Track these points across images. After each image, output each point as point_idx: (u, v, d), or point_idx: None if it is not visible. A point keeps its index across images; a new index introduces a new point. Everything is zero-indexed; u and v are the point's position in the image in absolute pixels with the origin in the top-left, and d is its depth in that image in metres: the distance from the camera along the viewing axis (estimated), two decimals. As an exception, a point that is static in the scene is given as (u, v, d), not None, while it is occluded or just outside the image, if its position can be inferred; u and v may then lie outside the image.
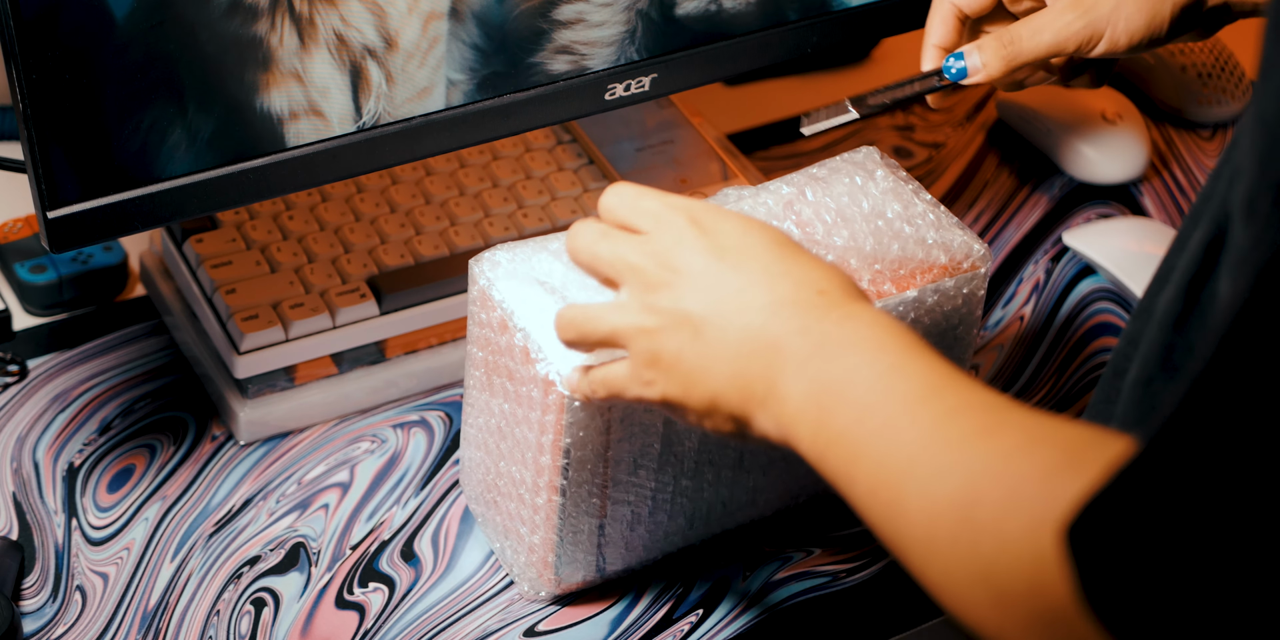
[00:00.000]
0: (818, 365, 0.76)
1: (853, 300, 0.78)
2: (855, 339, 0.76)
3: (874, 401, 0.74)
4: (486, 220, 1.15)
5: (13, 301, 1.17)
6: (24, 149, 0.91)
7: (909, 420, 0.72)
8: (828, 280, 0.79)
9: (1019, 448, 0.69)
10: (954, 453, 0.70)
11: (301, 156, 0.98)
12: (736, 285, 0.79)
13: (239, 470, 1.09)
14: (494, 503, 1.01)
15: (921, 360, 0.75)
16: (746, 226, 0.81)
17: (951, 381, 0.74)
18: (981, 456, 0.70)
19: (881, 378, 0.74)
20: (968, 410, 0.72)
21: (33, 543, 1.04)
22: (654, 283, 0.80)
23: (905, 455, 0.72)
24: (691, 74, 1.08)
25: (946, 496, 0.69)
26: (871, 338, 0.76)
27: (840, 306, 0.78)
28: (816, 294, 0.78)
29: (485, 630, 1.01)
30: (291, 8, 0.92)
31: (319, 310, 1.09)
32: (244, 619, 1.01)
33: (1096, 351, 1.20)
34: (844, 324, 0.77)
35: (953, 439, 0.71)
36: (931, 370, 0.74)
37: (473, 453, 1.02)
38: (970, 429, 0.71)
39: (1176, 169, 1.35)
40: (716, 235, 0.81)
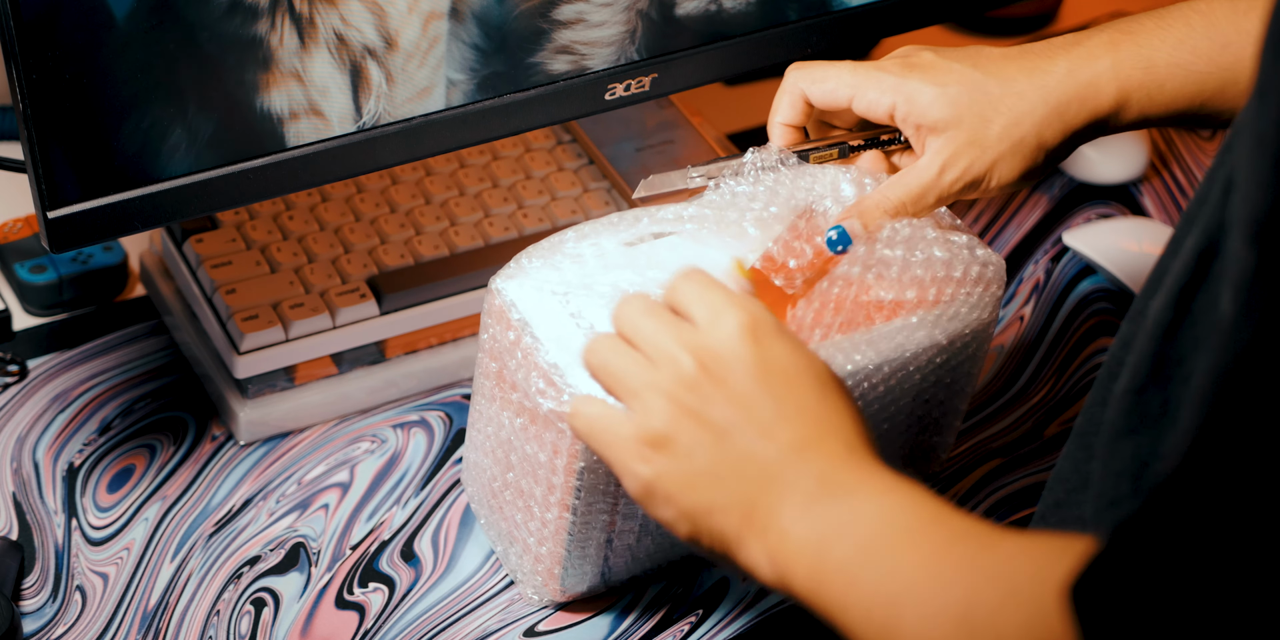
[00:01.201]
0: (823, 507, 0.76)
1: (874, 461, 0.78)
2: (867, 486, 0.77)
3: (877, 532, 0.75)
4: (486, 220, 1.15)
5: (13, 301, 1.17)
6: (24, 149, 0.91)
7: (911, 546, 0.73)
8: (857, 436, 0.79)
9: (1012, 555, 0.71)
10: (956, 571, 0.71)
11: (301, 156, 0.98)
12: (771, 414, 0.78)
13: (239, 470, 1.09)
14: (499, 509, 1.01)
15: (923, 496, 0.76)
16: (797, 354, 0.80)
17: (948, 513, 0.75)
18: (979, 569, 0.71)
19: (884, 512, 0.75)
20: (969, 536, 0.73)
21: (33, 543, 1.04)
22: (690, 379, 0.79)
23: (905, 576, 0.73)
24: (691, 74, 1.08)
25: (944, 606, 0.71)
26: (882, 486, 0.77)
27: (862, 464, 0.78)
28: (845, 448, 0.78)
29: (485, 630, 1.01)
30: (291, 8, 0.92)
31: (319, 310, 1.09)
32: (244, 619, 1.01)
33: (1096, 351, 1.20)
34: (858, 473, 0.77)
35: (953, 559, 0.72)
36: (932, 504, 0.75)
37: (478, 457, 1.01)
38: (969, 549, 0.72)
39: (1176, 169, 1.35)
40: (767, 353, 0.79)
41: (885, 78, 0.95)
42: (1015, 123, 0.94)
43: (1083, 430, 0.88)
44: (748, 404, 0.78)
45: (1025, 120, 0.94)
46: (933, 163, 0.95)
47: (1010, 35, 1.46)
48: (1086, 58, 0.95)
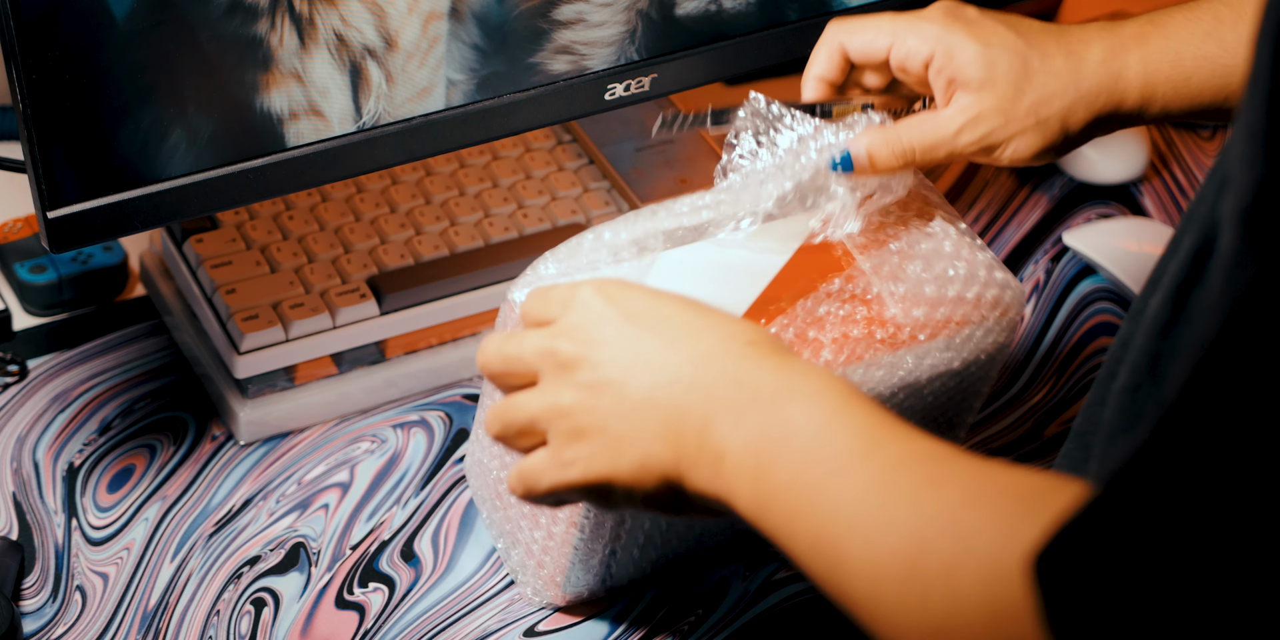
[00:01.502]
0: (754, 417, 0.74)
1: (782, 352, 0.76)
2: (791, 390, 0.74)
3: (814, 454, 0.72)
4: (486, 220, 1.15)
5: (13, 301, 1.17)
6: (24, 149, 0.91)
7: (851, 473, 0.71)
8: (754, 332, 0.77)
9: (967, 498, 0.68)
10: (899, 506, 0.69)
11: (301, 156, 0.98)
12: (657, 343, 0.77)
13: (239, 470, 1.09)
14: (503, 510, 1.01)
15: (860, 410, 0.73)
16: (656, 297, 0.79)
17: (893, 431, 0.72)
18: (928, 508, 0.68)
19: (821, 429, 0.72)
20: (912, 461, 0.70)
21: (33, 543, 1.04)
22: (568, 361, 0.78)
23: (847, 509, 0.70)
24: (691, 74, 1.08)
25: (892, 550, 0.68)
26: (808, 388, 0.74)
27: (772, 356, 0.76)
28: (745, 345, 0.76)
29: (485, 630, 1.01)
30: (291, 8, 0.92)
31: (319, 310, 1.09)
32: (244, 619, 1.01)
33: (1096, 351, 1.20)
34: (778, 374, 0.75)
35: (897, 491, 0.69)
36: (872, 420, 0.73)
37: (484, 457, 1.01)
38: (915, 480, 0.69)
39: (1176, 169, 1.35)
40: (627, 303, 0.78)
41: (928, 26, 0.93)
42: (1045, 101, 0.93)
43: (1081, 430, 0.88)
44: (632, 345, 0.77)
45: (1055, 101, 0.93)
46: (954, 119, 0.93)
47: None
48: (1118, 49, 0.94)
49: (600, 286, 0.79)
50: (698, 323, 0.77)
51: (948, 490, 0.68)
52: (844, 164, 0.93)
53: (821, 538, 0.71)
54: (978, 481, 0.69)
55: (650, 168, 1.19)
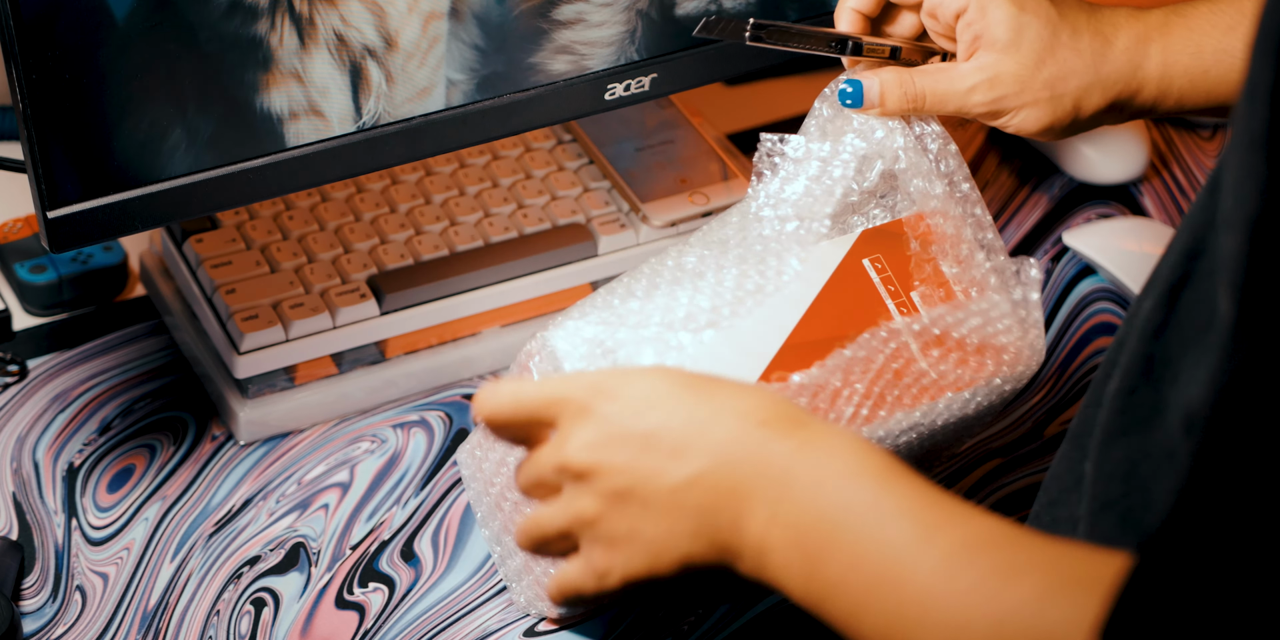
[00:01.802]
0: (789, 509, 0.71)
1: (799, 426, 0.73)
2: (824, 473, 0.71)
3: (867, 548, 0.69)
4: (486, 220, 1.15)
5: (13, 301, 1.17)
6: (24, 149, 0.91)
7: (912, 567, 0.68)
8: (764, 409, 0.73)
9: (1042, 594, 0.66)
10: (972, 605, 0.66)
11: (301, 156, 0.98)
12: (667, 444, 0.73)
13: (239, 470, 1.09)
14: (500, 521, 1.00)
15: (905, 490, 0.70)
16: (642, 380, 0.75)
17: (946, 513, 0.69)
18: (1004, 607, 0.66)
19: (867, 517, 0.70)
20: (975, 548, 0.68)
21: (33, 543, 1.04)
22: (580, 471, 0.75)
23: (915, 607, 0.67)
24: (691, 74, 1.08)
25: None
26: (841, 469, 0.71)
27: (791, 435, 0.73)
28: (759, 426, 0.73)
29: (485, 630, 1.01)
30: (291, 8, 0.92)
31: (319, 310, 1.09)
32: (244, 619, 1.01)
33: (1096, 351, 1.20)
34: (804, 455, 0.72)
35: (967, 585, 0.67)
36: (920, 501, 0.70)
37: (485, 468, 1.01)
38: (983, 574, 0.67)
39: (1176, 169, 1.35)
40: (616, 401, 0.75)
41: None
42: (1064, 76, 0.92)
43: (1077, 431, 0.87)
44: (640, 453, 0.74)
45: (1073, 79, 0.92)
46: (970, 75, 0.92)
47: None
48: (1142, 37, 0.93)
49: (595, 389, 0.75)
50: (702, 410, 0.74)
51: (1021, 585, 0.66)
52: (853, 96, 0.93)
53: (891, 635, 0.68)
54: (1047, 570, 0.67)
55: (650, 168, 1.19)
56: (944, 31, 0.96)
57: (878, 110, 0.94)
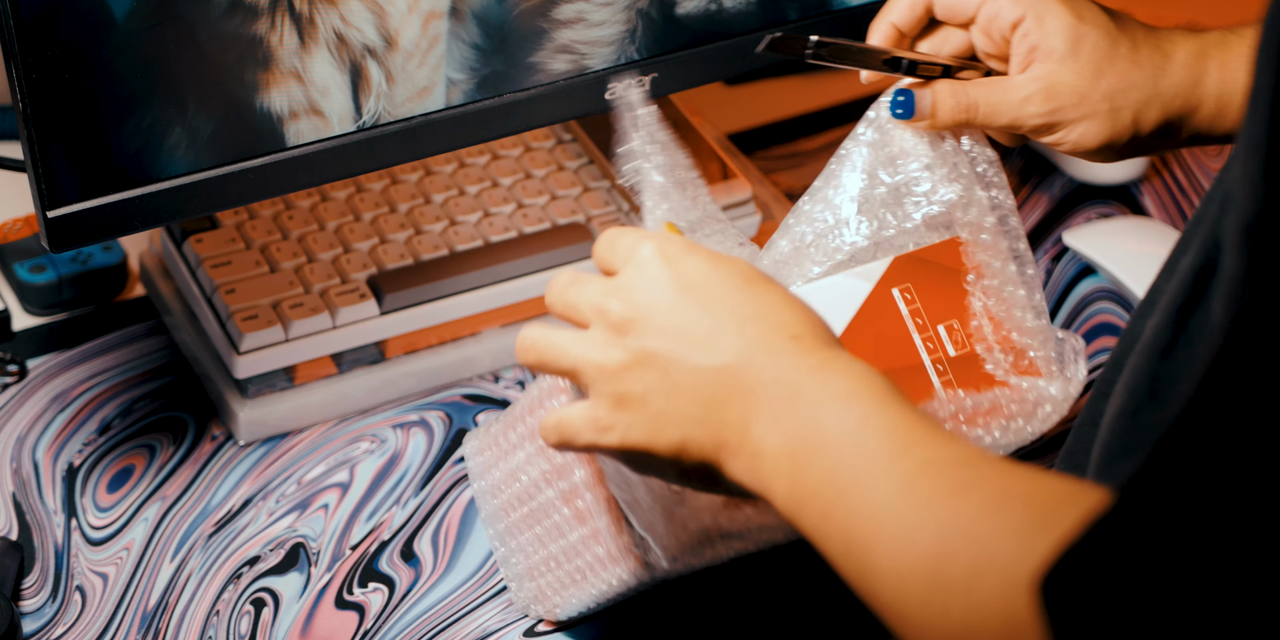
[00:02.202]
0: (791, 419, 0.73)
1: (826, 346, 0.75)
2: (827, 391, 0.73)
3: (845, 457, 0.71)
4: (486, 220, 1.15)
5: (12, 301, 1.17)
6: (24, 148, 0.91)
7: (880, 476, 0.70)
8: (800, 324, 0.76)
9: (991, 506, 0.67)
10: (924, 511, 0.69)
11: (301, 156, 0.98)
12: (706, 326, 0.75)
13: (239, 470, 1.09)
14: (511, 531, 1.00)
15: (893, 412, 0.72)
16: (713, 262, 0.77)
17: (924, 435, 0.71)
18: (952, 516, 0.68)
19: (853, 432, 0.72)
20: (939, 466, 0.70)
21: (32, 543, 1.04)
22: (618, 322, 0.77)
23: (875, 514, 0.70)
24: (691, 74, 1.08)
25: (916, 557, 0.68)
26: (844, 388, 0.73)
27: (814, 353, 0.74)
28: (790, 340, 0.75)
29: (485, 630, 1.01)
30: (291, 7, 0.92)
31: (319, 310, 1.09)
32: (244, 619, 1.01)
33: (1097, 352, 1.20)
34: (818, 374, 0.74)
35: (923, 497, 0.69)
36: (903, 422, 0.72)
37: (498, 478, 1.01)
38: (941, 487, 0.69)
39: (1176, 169, 1.35)
40: (682, 270, 0.77)
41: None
42: (1123, 89, 0.89)
43: (1071, 449, 0.87)
44: (680, 325, 0.75)
45: (1133, 92, 0.89)
46: (1026, 85, 0.90)
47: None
48: (1201, 53, 0.91)
49: (662, 247, 0.77)
50: (747, 308, 0.76)
51: (972, 497, 0.68)
52: (905, 106, 0.91)
53: (852, 541, 0.70)
54: (1002, 487, 0.68)
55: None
56: (996, 50, 0.93)
57: (928, 122, 0.92)
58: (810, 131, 1.35)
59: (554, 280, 0.80)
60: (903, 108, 0.91)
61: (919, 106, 0.91)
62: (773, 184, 1.27)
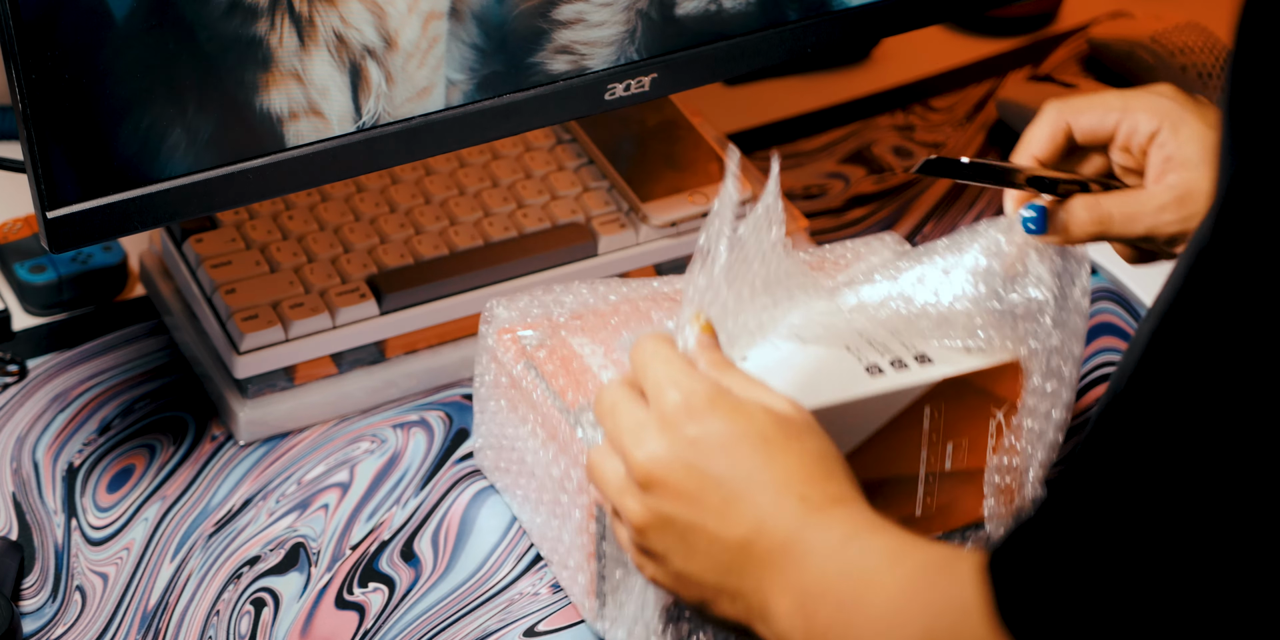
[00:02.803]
0: (799, 577, 0.76)
1: (831, 502, 0.78)
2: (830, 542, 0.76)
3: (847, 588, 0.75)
4: (486, 220, 1.15)
5: (12, 301, 1.17)
6: (23, 149, 0.91)
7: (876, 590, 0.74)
8: (809, 482, 0.78)
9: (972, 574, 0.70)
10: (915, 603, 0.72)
11: (301, 156, 0.98)
12: (721, 495, 0.78)
13: (239, 470, 1.09)
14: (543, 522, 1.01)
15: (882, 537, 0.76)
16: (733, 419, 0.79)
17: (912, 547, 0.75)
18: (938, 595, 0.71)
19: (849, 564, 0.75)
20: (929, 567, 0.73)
21: (32, 543, 1.04)
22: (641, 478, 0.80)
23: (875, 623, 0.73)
24: (691, 74, 1.08)
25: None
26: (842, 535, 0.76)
27: (819, 511, 0.77)
28: (799, 501, 0.77)
29: (485, 630, 1.01)
30: (291, 8, 0.92)
31: (319, 310, 1.09)
32: (244, 619, 1.01)
33: (1097, 351, 1.20)
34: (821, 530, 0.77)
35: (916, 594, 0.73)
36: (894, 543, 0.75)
37: (523, 474, 1.02)
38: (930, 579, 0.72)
39: (1176, 169, 1.35)
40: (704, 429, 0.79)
41: (1160, 101, 0.92)
42: None
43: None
44: (696, 493, 0.78)
45: None
46: (1162, 194, 0.90)
47: (1010, 35, 1.46)
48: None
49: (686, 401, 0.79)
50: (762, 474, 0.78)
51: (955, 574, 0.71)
52: (1038, 222, 0.91)
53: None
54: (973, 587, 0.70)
55: (650, 168, 1.19)
56: (1135, 164, 0.93)
57: (1060, 236, 0.92)
58: (810, 131, 1.35)
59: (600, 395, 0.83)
60: (1035, 223, 0.92)
61: (1053, 222, 0.91)
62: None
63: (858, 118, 1.37)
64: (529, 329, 1.00)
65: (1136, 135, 0.92)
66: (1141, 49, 1.40)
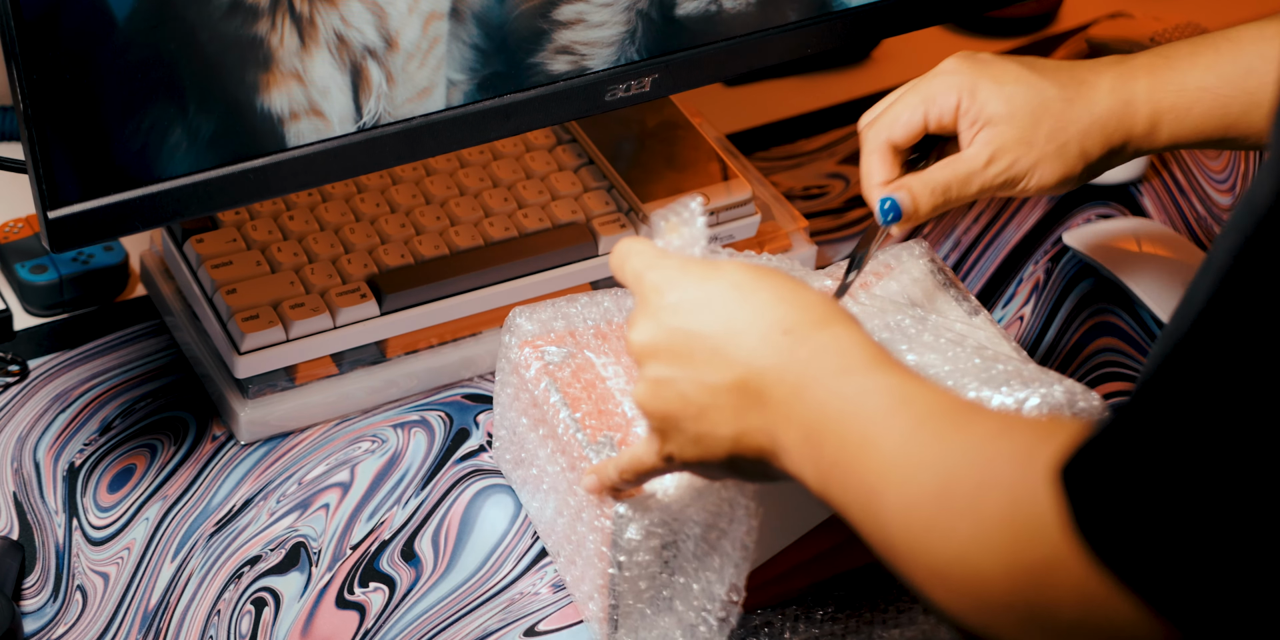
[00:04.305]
0: (801, 410, 0.78)
1: (817, 328, 0.79)
2: (824, 374, 0.78)
3: (850, 427, 0.76)
4: (486, 220, 1.15)
5: (13, 301, 1.17)
6: (25, 149, 0.91)
7: (882, 434, 0.74)
8: (790, 316, 0.80)
9: (989, 436, 0.71)
10: (925, 452, 0.72)
11: (302, 156, 0.98)
12: (708, 347, 0.80)
13: (239, 470, 1.09)
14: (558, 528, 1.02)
15: (884, 376, 0.77)
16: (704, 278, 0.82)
17: (915, 390, 0.76)
18: (952, 450, 0.72)
19: (852, 403, 0.76)
20: (935, 414, 0.74)
21: (33, 542, 1.04)
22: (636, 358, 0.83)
23: (883, 466, 0.73)
24: (692, 74, 1.08)
25: (921, 490, 0.71)
26: (837, 367, 0.78)
27: (806, 342, 0.79)
28: (783, 335, 0.79)
29: (485, 630, 1.01)
30: (292, 8, 0.93)
31: (319, 310, 1.09)
32: (244, 619, 1.01)
33: (1096, 351, 1.20)
34: (813, 362, 0.78)
35: (923, 442, 0.73)
36: (895, 383, 0.76)
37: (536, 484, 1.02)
38: (939, 429, 0.73)
39: (1176, 169, 1.35)
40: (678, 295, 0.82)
41: (948, 77, 0.99)
42: (1062, 127, 0.97)
43: None
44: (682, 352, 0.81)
45: (1071, 127, 0.97)
46: (980, 153, 0.98)
47: (1010, 36, 1.46)
48: (1127, 77, 0.98)
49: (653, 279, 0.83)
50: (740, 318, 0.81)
51: (970, 431, 0.72)
52: (893, 211, 0.98)
53: (868, 496, 0.74)
54: (1000, 420, 0.73)
55: (650, 168, 1.19)
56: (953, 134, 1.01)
57: (913, 217, 0.98)
58: (810, 131, 1.35)
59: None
60: (892, 213, 0.98)
61: (905, 209, 0.98)
62: (773, 184, 1.27)
63: (857, 118, 1.37)
64: (553, 345, 1.00)
65: (945, 116, 0.99)
66: (1141, 49, 1.40)
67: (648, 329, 0.82)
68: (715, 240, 1.18)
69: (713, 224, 1.18)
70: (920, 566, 0.71)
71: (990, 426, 0.72)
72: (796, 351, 0.78)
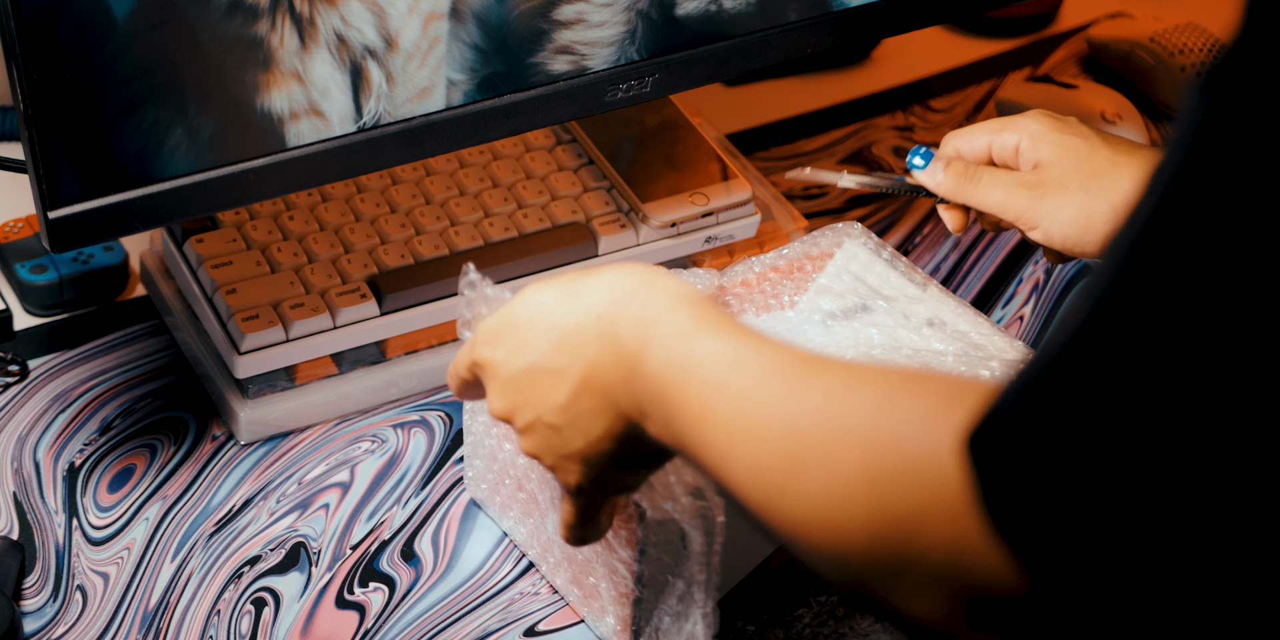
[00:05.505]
0: (644, 384, 0.78)
1: (622, 304, 0.80)
2: (642, 343, 0.78)
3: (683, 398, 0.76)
4: (486, 220, 1.15)
5: (13, 301, 1.17)
6: (25, 149, 0.91)
7: (719, 403, 0.74)
8: (594, 303, 0.81)
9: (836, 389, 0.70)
10: (767, 413, 0.72)
11: (302, 156, 0.98)
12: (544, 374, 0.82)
13: (239, 470, 1.09)
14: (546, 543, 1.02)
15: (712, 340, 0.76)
16: (505, 323, 0.85)
17: (750, 350, 0.75)
18: (798, 406, 0.71)
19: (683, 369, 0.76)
20: (772, 373, 0.73)
21: (33, 542, 1.04)
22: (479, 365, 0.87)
23: (725, 429, 0.73)
24: (692, 74, 1.08)
25: (771, 451, 0.71)
26: (657, 336, 0.78)
27: (619, 320, 0.80)
28: (595, 322, 0.81)
29: (485, 630, 1.01)
30: (292, 8, 0.93)
31: (319, 310, 1.09)
32: (244, 619, 1.01)
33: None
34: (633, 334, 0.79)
35: (766, 401, 0.72)
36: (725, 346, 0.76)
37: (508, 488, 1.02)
38: (779, 387, 0.72)
39: (1176, 169, 1.35)
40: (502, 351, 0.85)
41: (1025, 122, 1.07)
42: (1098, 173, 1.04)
43: None
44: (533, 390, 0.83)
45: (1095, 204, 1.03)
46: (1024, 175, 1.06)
47: (1010, 36, 1.46)
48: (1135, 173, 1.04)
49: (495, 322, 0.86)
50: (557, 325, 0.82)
51: (815, 384, 0.71)
52: (927, 156, 1.09)
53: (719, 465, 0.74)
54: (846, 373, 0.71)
55: (650, 168, 1.19)
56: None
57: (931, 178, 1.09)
58: (810, 132, 1.36)
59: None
60: (924, 161, 1.09)
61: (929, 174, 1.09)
62: (772, 184, 1.27)
63: (858, 118, 1.37)
64: None
65: (1004, 150, 1.08)
66: (1141, 49, 1.40)
67: (494, 395, 0.85)
68: (714, 240, 1.19)
69: (713, 224, 1.19)
70: (780, 525, 0.70)
71: (834, 381, 0.71)
72: (610, 328, 0.80)
